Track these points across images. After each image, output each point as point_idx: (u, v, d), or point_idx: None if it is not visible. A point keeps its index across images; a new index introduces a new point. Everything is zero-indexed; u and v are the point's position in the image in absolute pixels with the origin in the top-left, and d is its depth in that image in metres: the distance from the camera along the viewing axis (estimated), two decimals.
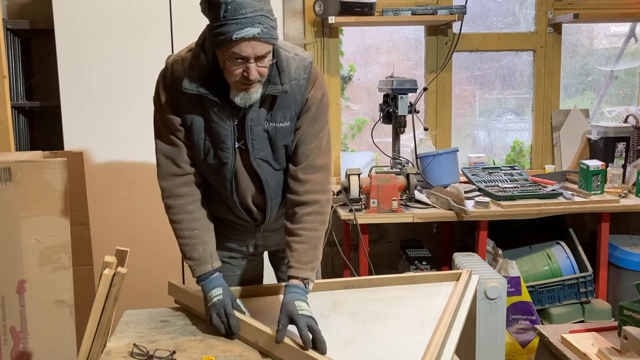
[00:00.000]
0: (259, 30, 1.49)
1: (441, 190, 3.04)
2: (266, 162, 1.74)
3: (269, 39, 1.53)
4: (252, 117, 1.67)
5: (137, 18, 2.81)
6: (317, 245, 1.71)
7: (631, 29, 3.80)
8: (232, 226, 1.89)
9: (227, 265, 1.95)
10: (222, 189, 1.78)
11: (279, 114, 1.69)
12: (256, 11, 1.48)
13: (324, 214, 1.73)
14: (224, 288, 1.71)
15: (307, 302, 1.59)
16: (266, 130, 1.70)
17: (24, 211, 2.05)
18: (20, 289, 2.07)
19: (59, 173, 2.07)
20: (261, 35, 1.50)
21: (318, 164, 1.74)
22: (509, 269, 2.95)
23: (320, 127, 1.75)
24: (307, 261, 1.67)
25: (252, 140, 1.69)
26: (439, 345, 1.48)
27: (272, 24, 1.52)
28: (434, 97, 3.60)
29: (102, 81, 2.82)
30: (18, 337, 2.09)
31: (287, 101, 1.69)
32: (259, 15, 1.48)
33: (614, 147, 3.39)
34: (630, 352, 1.62)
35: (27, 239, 2.06)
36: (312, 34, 3.43)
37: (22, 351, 2.09)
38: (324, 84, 1.77)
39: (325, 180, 1.75)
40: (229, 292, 1.71)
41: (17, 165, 2.04)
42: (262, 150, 1.72)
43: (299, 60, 1.70)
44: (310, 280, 1.66)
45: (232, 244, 1.93)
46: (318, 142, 1.74)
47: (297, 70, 1.69)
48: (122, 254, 1.95)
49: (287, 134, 1.72)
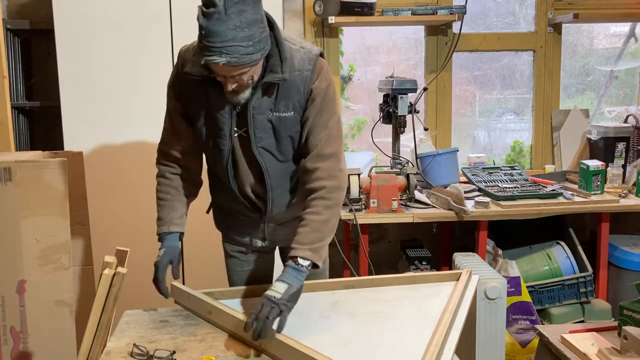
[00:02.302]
0: (225, 60, 1.50)
1: (441, 190, 3.04)
2: (269, 152, 1.77)
3: (240, 65, 1.53)
4: (255, 106, 1.70)
5: (137, 18, 2.81)
6: (319, 228, 1.68)
7: (631, 29, 3.80)
8: (239, 218, 1.93)
9: (236, 260, 2.00)
10: (223, 176, 1.83)
11: (282, 103, 1.71)
12: (226, 42, 1.48)
13: (330, 199, 1.71)
14: (169, 249, 1.79)
15: (286, 282, 1.58)
16: (270, 119, 1.72)
17: (24, 211, 2.05)
18: (20, 289, 2.07)
19: (59, 173, 2.07)
20: (229, 64, 1.51)
21: (326, 152, 1.74)
22: (509, 269, 2.95)
23: (328, 117, 1.75)
24: (307, 242, 1.64)
25: (254, 128, 1.72)
26: (439, 345, 1.48)
27: (247, 51, 1.51)
28: (434, 97, 3.60)
29: (102, 81, 2.82)
30: (18, 337, 2.08)
31: (291, 91, 1.71)
32: (228, 45, 1.48)
33: (614, 147, 3.39)
34: (630, 352, 1.62)
35: (27, 239, 2.05)
36: (312, 34, 3.43)
37: (22, 351, 2.09)
38: (330, 76, 1.78)
39: (333, 168, 1.74)
40: (170, 254, 1.78)
41: (17, 165, 2.04)
42: (265, 140, 1.75)
43: (304, 53, 1.72)
44: (303, 258, 1.62)
45: (240, 237, 1.97)
46: (327, 132, 1.75)
47: (301, 62, 1.71)
48: (122, 254, 1.96)
49: (290, 125, 1.74)
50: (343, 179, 1.77)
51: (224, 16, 1.46)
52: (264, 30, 1.57)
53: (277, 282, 1.58)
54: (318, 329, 1.65)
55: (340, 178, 1.75)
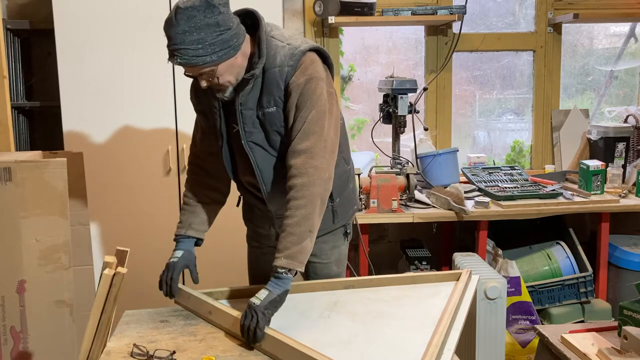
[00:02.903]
0: (176, 62, 1.62)
1: (441, 190, 3.04)
2: (260, 147, 1.82)
3: (191, 65, 1.63)
4: (242, 102, 1.77)
5: (137, 18, 2.81)
6: (292, 232, 1.64)
7: (631, 29, 3.80)
8: (254, 210, 2.03)
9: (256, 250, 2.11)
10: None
11: (264, 99, 1.76)
12: (176, 44, 1.59)
13: (300, 198, 1.65)
14: (186, 253, 1.89)
15: (267, 289, 1.60)
16: (258, 115, 1.79)
17: (24, 211, 2.05)
18: (20, 289, 2.07)
19: (59, 173, 2.07)
20: (182, 65, 1.63)
21: (299, 148, 1.70)
22: (509, 269, 2.95)
23: (306, 112, 1.71)
24: (282, 248, 1.64)
25: (243, 123, 1.79)
26: (439, 345, 1.48)
27: (196, 53, 1.60)
28: (434, 97, 3.60)
29: (102, 81, 2.82)
30: (18, 337, 2.09)
31: (271, 87, 1.75)
32: (178, 48, 1.60)
33: (614, 147, 3.39)
34: (630, 352, 1.62)
35: (27, 239, 2.05)
36: (312, 34, 3.43)
37: (22, 351, 2.09)
38: (313, 70, 1.73)
39: (304, 164, 1.68)
40: (187, 259, 1.88)
41: (17, 165, 2.04)
42: (255, 134, 1.81)
43: (288, 49, 1.73)
44: (278, 267, 1.62)
45: (258, 229, 2.06)
46: (303, 127, 1.71)
47: (283, 58, 1.73)
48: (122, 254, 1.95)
49: (274, 120, 1.78)
50: (317, 174, 1.68)
51: (174, 22, 1.59)
52: (222, 33, 1.62)
53: (262, 289, 1.62)
54: (318, 329, 1.65)
55: (312, 174, 1.68)
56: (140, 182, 2.85)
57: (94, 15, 2.78)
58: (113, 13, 2.79)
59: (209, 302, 1.74)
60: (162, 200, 2.92)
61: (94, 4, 2.78)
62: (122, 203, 2.88)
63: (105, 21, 2.79)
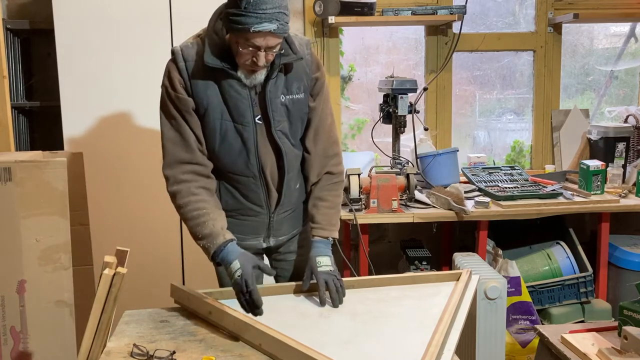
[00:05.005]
0: (275, 27, 1.57)
1: (441, 190, 3.04)
2: (285, 136, 1.81)
3: (283, 34, 1.62)
4: (271, 89, 1.74)
5: (137, 18, 2.81)
6: (340, 209, 1.98)
7: (631, 29, 3.80)
8: (245, 220, 1.92)
9: None
10: (245, 171, 1.82)
11: (294, 85, 1.78)
12: (275, 8, 1.56)
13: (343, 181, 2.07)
14: (243, 257, 1.70)
15: (327, 255, 1.84)
16: (284, 103, 1.77)
17: (24, 211, 2.05)
18: (20, 289, 2.07)
19: (59, 173, 2.07)
20: (277, 31, 1.59)
21: (337, 139, 1.95)
22: (509, 269, 2.95)
23: (330, 106, 1.92)
24: (335, 222, 1.92)
25: (272, 112, 1.75)
26: (439, 345, 1.48)
27: (287, 20, 1.62)
28: (434, 97, 3.60)
29: (102, 81, 2.82)
30: (18, 337, 2.08)
31: (299, 73, 1.78)
32: (277, 12, 1.56)
33: (614, 147, 3.39)
34: (630, 352, 1.62)
35: (27, 239, 2.05)
36: (312, 34, 3.43)
37: (22, 351, 2.09)
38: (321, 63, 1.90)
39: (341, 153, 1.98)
40: (249, 261, 1.70)
41: (17, 165, 2.04)
42: (282, 123, 1.79)
43: (299, 38, 1.81)
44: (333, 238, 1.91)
45: (246, 242, 1.93)
46: (332, 120, 1.92)
47: (300, 46, 1.77)
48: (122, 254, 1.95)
49: (302, 106, 1.81)
50: None
51: None
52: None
53: (322, 258, 1.82)
54: (318, 329, 1.65)
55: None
56: (140, 182, 2.85)
57: (94, 15, 2.78)
58: (113, 13, 2.79)
59: (209, 302, 1.73)
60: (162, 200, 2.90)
61: (94, 4, 2.78)
62: (122, 203, 2.88)
63: (105, 21, 2.79)
